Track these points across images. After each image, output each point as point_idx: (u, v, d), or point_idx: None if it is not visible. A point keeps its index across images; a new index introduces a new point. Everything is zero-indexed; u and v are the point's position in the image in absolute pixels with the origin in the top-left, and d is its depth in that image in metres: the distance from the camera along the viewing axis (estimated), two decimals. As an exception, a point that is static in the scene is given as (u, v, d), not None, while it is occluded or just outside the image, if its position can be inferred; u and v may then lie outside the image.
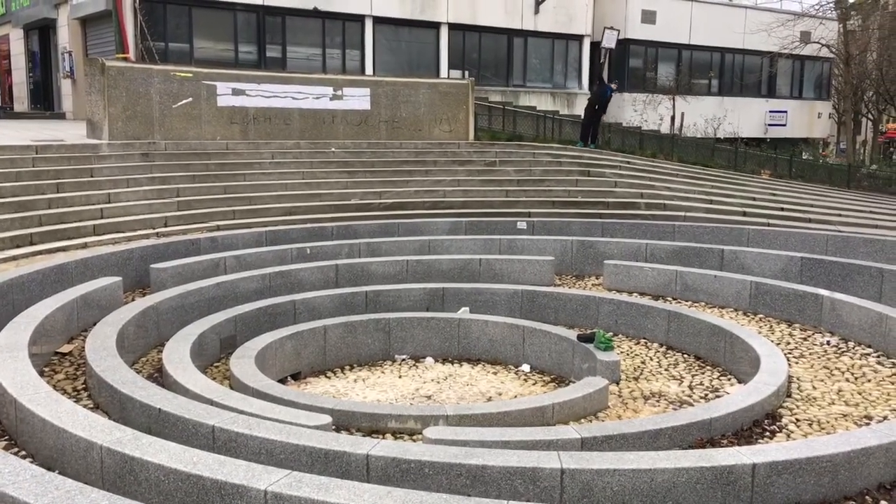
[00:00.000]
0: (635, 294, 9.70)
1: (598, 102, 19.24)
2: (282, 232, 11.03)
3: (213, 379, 6.50)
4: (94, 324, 6.91)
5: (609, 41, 24.56)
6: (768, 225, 13.30)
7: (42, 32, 25.77)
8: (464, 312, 8.68)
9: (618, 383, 6.96)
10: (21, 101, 27.62)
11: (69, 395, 5.66)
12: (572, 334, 7.69)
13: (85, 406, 5.25)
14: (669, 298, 9.59)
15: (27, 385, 4.87)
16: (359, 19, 22.48)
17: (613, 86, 19.53)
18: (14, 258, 8.94)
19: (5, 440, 4.83)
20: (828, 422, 5.75)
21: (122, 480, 3.87)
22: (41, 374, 5.71)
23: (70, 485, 3.42)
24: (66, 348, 6.80)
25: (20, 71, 27.67)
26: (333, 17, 22.08)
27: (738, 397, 5.77)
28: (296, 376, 7.48)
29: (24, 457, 4.44)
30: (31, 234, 9.79)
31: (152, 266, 8.78)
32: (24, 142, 12.73)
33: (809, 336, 8.10)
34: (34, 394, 4.72)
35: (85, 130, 14.66)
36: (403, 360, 8.09)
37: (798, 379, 6.70)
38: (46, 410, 4.46)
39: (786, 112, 32.84)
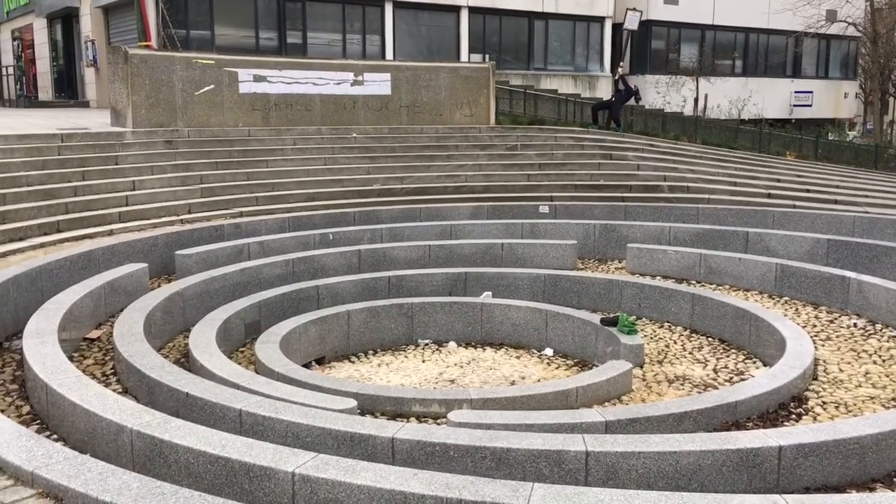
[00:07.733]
0: (658, 277, 9.66)
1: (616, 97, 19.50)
2: (304, 218, 11.09)
3: (239, 364, 6.57)
4: (122, 310, 7.00)
5: (631, 23, 24.23)
6: (794, 207, 13.15)
7: (65, 21, 25.96)
8: (486, 297, 8.68)
9: (642, 367, 6.94)
10: (45, 90, 27.88)
11: (98, 380, 5.74)
12: (595, 318, 7.68)
13: (114, 390, 5.32)
14: (693, 282, 9.53)
15: (57, 370, 4.95)
16: (379, 4, 22.42)
17: (633, 86, 19.38)
18: (42, 245, 9.05)
19: (37, 424, 4.92)
20: (855, 404, 5.71)
21: (152, 463, 3.93)
22: (70, 359, 5.80)
23: (102, 467, 3.49)
24: (94, 334, 6.90)
25: (44, 60, 27.91)
26: (353, 3, 22.04)
27: (763, 380, 5.74)
28: (320, 361, 7.54)
29: (56, 440, 4.52)
30: (58, 221, 9.89)
31: (177, 252, 8.88)
32: (50, 130, 12.85)
33: (836, 319, 8.02)
34: (64, 378, 4.80)
35: (109, 118, 14.76)
36: (427, 344, 8.11)
37: (824, 362, 6.65)
38: (77, 395, 4.53)
39: (811, 92, 32.38)
